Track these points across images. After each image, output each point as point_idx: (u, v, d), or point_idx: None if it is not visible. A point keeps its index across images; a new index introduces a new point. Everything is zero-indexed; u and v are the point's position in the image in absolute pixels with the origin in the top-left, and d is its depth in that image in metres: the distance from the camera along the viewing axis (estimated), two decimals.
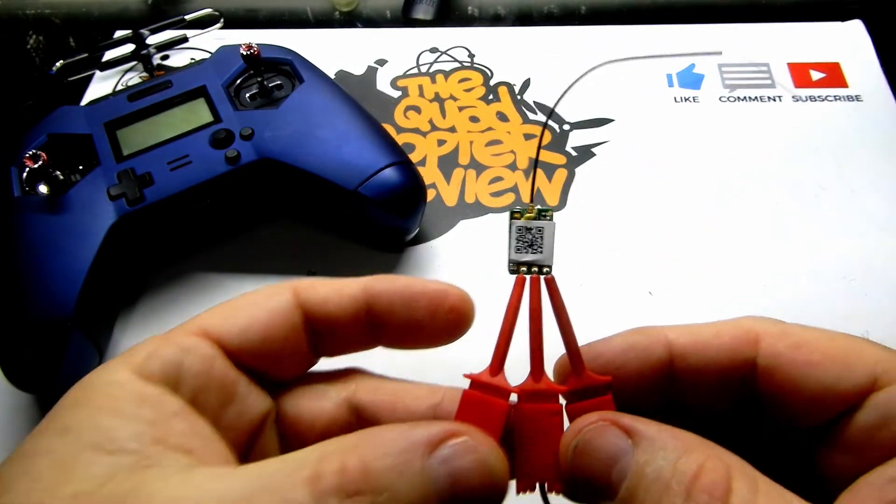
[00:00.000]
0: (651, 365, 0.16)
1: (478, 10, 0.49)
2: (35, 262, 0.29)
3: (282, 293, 0.17)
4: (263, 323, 0.17)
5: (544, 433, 0.16)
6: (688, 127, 0.38)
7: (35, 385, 0.28)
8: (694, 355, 0.16)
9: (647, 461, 0.13)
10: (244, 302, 0.18)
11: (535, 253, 0.16)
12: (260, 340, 0.17)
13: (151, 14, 0.50)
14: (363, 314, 0.17)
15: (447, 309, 0.17)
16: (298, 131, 0.32)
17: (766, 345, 0.16)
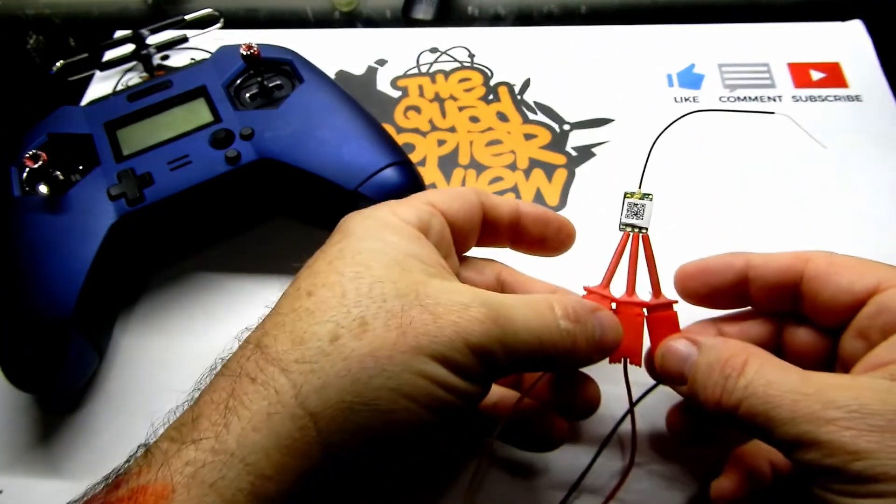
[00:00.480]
0: (735, 271, 0.24)
1: (478, 10, 0.49)
2: (35, 262, 0.29)
3: (472, 194, 0.25)
4: (466, 209, 0.24)
5: (631, 327, 0.24)
6: (688, 127, 0.38)
7: (35, 385, 0.28)
8: (762, 267, 0.23)
9: (705, 359, 0.21)
10: (451, 193, 0.24)
11: (638, 219, 0.25)
12: (463, 220, 0.24)
13: (151, 14, 0.50)
14: (513, 222, 0.25)
15: (565, 233, 0.26)
16: (298, 131, 0.32)
17: (811, 263, 0.22)
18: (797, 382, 0.19)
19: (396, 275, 0.20)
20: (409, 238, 0.22)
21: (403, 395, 0.18)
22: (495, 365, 0.20)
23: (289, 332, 0.19)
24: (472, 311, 0.19)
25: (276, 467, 0.17)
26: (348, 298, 0.19)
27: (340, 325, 0.19)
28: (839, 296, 0.21)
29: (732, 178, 0.36)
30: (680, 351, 0.22)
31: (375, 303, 0.19)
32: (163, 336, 0.32)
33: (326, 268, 0.21)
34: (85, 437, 0.29)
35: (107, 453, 0.29)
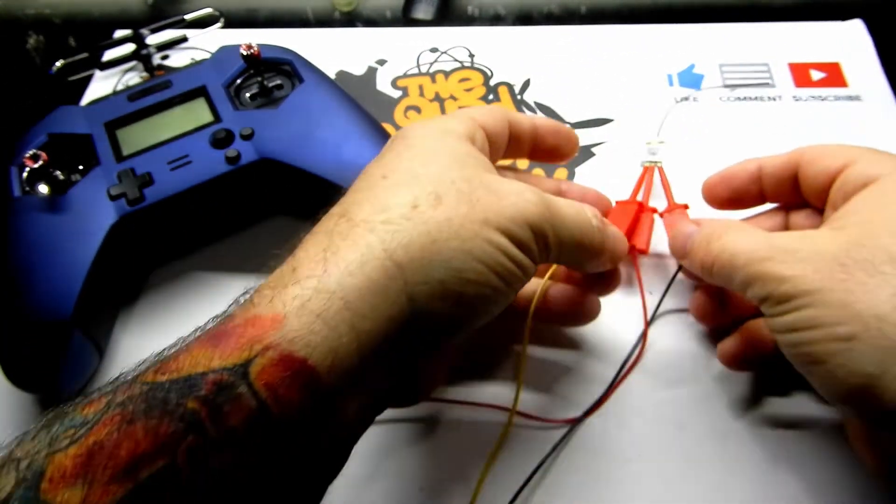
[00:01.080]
0: (749, 172, 0.28)
1: (478, 9, 0.49)
2: (35, 262, 0.29)
3: (500, 111, 0.27)
4: (499, 124, 0.27)
5: (645, 225, 0.31)
6: (688, 127, 0.38)
7: (35, 385, 0.28)
8: (770, 164, 0.28)
9: (699, 234, 0.26)
10: (485, 110, 0.27)
11: (654, 157, 0.34)
12: (497, 134, 0.27)
13: (151, 14, 0.50)
14: (533, 135, 0.28)
15: (574, 141, 0.30)
16: (298, 131, 0.32)
17: (805, 154, 0.27)
18: (758, 240, 0.23)
19: (459, 166, 0.23)
20: (464, 143, 0.24)
21: (474, 258, 0.21)
22: (547, 246, 0.23)
23: (371, 202, 0.22)
24: (528, 196, 0.22)
25: (371, 308, 0.19)
26: (421, 180, 0.22)
27: (418, 197, 0.21)
28: (819, 176, 0.26)
29: None
30: (684, 230, 0.27)
31: (444, 184, 0.22)
32: (163, 336, 0.31)
33: (396, 159, 0.23)
34: None
35: None
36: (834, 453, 0.27)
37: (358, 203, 0.22)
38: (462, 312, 0.21)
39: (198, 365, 0.18)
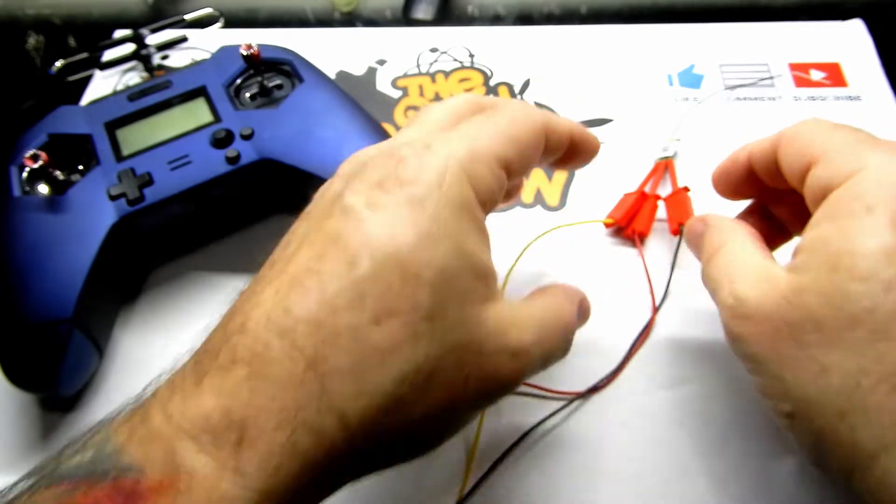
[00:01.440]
0: (741, 163, 0.26)
1: (478, 9, 0.49)
2: (35, 262, 0.29)
3: (541, 121, 0.23)
4: (533, 149, 0.23)
5: (648, 210, 0.33)
6: (687, 127, 0.38)
7: (35, 385, 0.28)
8: (756, 151, 0.25)
9: (706, 238, 0.25)
10: (523, 121, 0.22)
11: (666, 153, 0.36)
12: (526, 162, 0.23)
13: (151, 14, 0.50)
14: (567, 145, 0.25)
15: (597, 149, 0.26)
16: (298, 131, 0.32)
17: (783, 140, 0.24)
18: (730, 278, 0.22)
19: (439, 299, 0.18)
20: (458, 250, 0.20)
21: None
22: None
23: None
24: (515, 364, 0.20)
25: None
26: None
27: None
28: (793, 168, 0.23)
29: None
30: (695, 229, 0.26)
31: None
32: (163, 336, 0.32)
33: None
34: None
35: None
36: None
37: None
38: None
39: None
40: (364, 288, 0.17)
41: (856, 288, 0.18)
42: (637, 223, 0.33)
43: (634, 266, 0.33)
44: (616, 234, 0.34)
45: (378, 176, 0.20)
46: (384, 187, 0.19)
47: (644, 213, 0.34)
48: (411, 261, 0.18)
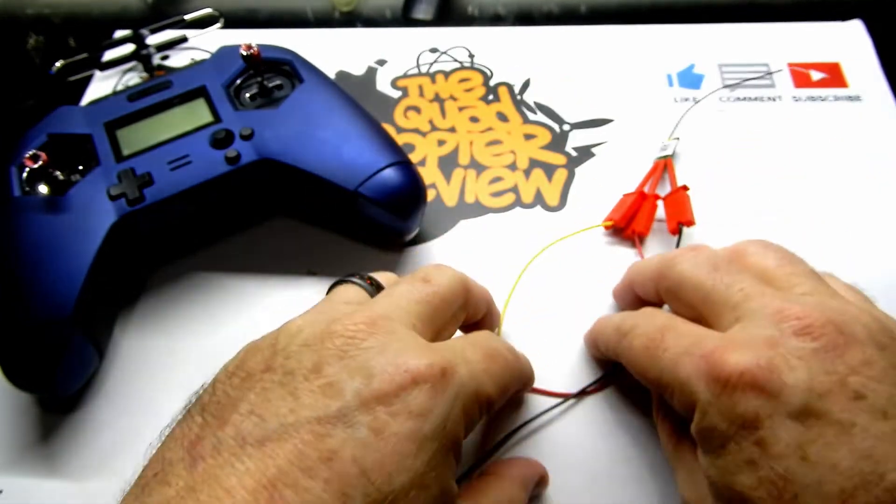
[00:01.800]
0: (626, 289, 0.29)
1: (478, 9, 0.49)
2: (35, 263, 0.29)
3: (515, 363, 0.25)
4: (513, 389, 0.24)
5: (647, 210, 0.33)
6: (687, 127, 0.38)
7: (35, 385, 0.28)
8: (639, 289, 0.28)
9: (636, 341, 0.24)
10: (507, 368, 0.23)
11: (665, 152, 0.36)
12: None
13: (151, 14, 0.50)
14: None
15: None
16: (298, 131, 0.32)
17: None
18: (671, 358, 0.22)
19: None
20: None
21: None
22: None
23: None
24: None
25: None
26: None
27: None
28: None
29: (731, 179, 0.36)
30: (608, 337, 0.27)
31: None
32: (163, 336, 0.32)
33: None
34: (85, 437, 0.29)
35: (107, 453, 0.29)
36: None
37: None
38: None
39: None
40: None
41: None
42: (636, 224, 0.33)
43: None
44: (616, 234, 0.34)
45: (387, 391, 0.19)
46: (392, 410, 0.18)
47: (643, 213, 0.33)
48: (400, 502, 0.18)
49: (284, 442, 0.17)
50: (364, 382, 0.19)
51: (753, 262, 0.23)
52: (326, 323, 0.21)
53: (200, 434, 0.18)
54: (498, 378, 0.22)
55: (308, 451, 0.17)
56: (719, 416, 0.19)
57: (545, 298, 0.32)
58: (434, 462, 0.18)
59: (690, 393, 0.20)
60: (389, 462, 0.18)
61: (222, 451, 0.18)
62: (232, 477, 0.17)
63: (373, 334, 0.20)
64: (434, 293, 0.23)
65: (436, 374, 0.19)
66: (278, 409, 0.18)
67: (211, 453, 0.18)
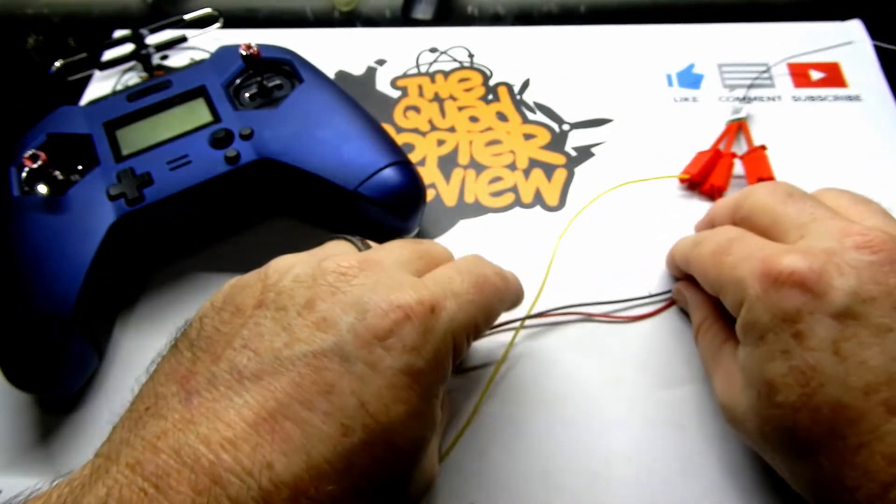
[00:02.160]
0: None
1: (477, 9, 0.49)
2: (34, 263, 0.29)
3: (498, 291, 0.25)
4: (495, 315, 0.25)
5: (724, 168, 0.35)
6: (687, 127, 0.38)
7: (35, 385, 0.28)
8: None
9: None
10: (492, 297, 0.24)
11: (737, 115, 0.38)
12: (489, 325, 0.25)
13: (151, 14, 0.50)
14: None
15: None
16: (298, 131, 0.32)
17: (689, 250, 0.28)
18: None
19: None
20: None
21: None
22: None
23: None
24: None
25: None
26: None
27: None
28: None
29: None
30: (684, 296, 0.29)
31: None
32: (163, 336, 0.31)
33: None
34: (85, 437, 0.29)
35: None
36: None
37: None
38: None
39: None
40: (353, 458, 0.17)
41: (774, 412, 0.21)
42: (714, 178, 0.34)
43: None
44: (690, 189, 0.35)
45: (382, 327, 0.19)
46: (387, 345, 0.19)
47: (720, 169, 0.35)
48: (398, 435, 0.18)
49: (281, 375, 0.18)
50: (358, 317, 0.19)
51: (827, 197, 0.25)
52: (318, 261, 0.21)
53: (192, 368, 0.19)
54: (486, 306, 0.23)
55: (306, 384, 0.17)
56: (764, 309, 0.21)
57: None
58: (427, 394, 0.19)
59: (742, 290, 0.22)
60: (386, 394, 0.18)
61: (218, 385, 0.18)
62: (230, 410, 0.17)
63: (363, 271, 0.20)
64: (425, 250, 0.24)
65: (426, 311, 0.20)
66: (273, 344, 0.18)
67: (206, 387, 0.18)
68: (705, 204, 0.35)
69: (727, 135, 0.37)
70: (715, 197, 0.35)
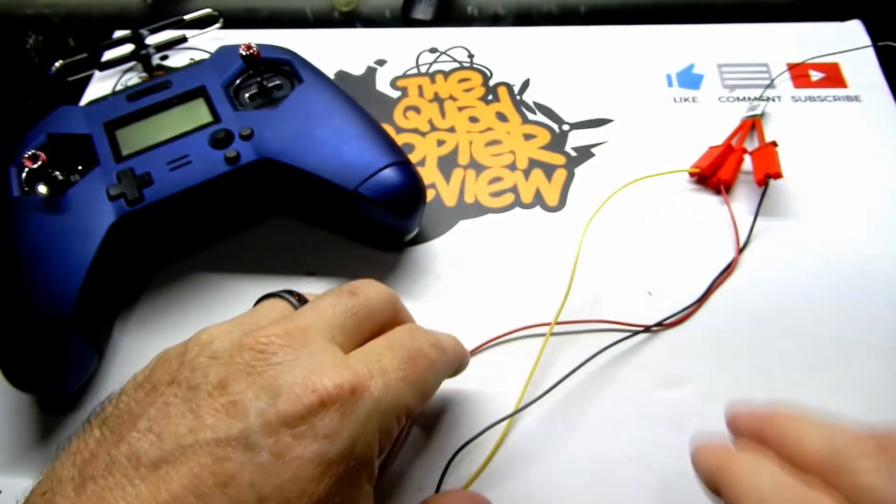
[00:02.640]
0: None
1: (477, 9, 0.49)
2: (34, 263, 0.29)
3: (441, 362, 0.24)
4: (432, 391, 0.24)
5: (733, 163, 0.35)
6: (687, 127, 0.38)
7: (35, 385, 0.28)
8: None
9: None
10: (428, 373, 0.22)
11: (753, 111, 0.38)
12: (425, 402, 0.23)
13: (151, 14, 0.50)
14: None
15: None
16: (298, 131, 0.32)
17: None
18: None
19: None
20: None
21: None
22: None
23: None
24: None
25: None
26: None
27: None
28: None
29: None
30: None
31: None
32: (163, 336, 0.32)
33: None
34: None
35: None
36: None
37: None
38: None
39: None
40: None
41: None
42: (722, 173, 0.35)
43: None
44: (699, 183, 0.36)
45: (293, 413, 0.18)
46: (297, 432, 0.17)
47: (729, 164, 0.35)
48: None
49: (180, 465, 0.17)
50: (269, 402, 0.18)
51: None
52: (240, 334, 0.20)
53: (95, 451, 0.18)
54: (418, 383, 0.21)
55: (205, 475, 0.16)
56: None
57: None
58: (339, 486, 0.18)
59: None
60: (289, 488, 0.17)
61: (114, 471, 0.17)
62: (121, 502, 0.16)
63: (284, 347, 0.19)
64: (361, 305, 0.22)
65: (345, 394, 0.18)
66: (177, 428, 0.17)
67: (102, 473, 0.17)
68: (714, 198, 0.35)
69: (740, 131, 0.37)
70: (722, 192, 0.34)
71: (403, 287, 0.33)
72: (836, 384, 0.28)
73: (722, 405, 0.28)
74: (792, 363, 0.29)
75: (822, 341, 0.30)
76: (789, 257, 0.33)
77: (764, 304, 0.31)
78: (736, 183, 0.35)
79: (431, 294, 0.32)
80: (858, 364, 0.29)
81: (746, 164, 0.36)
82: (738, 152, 0.35)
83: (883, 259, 0.32)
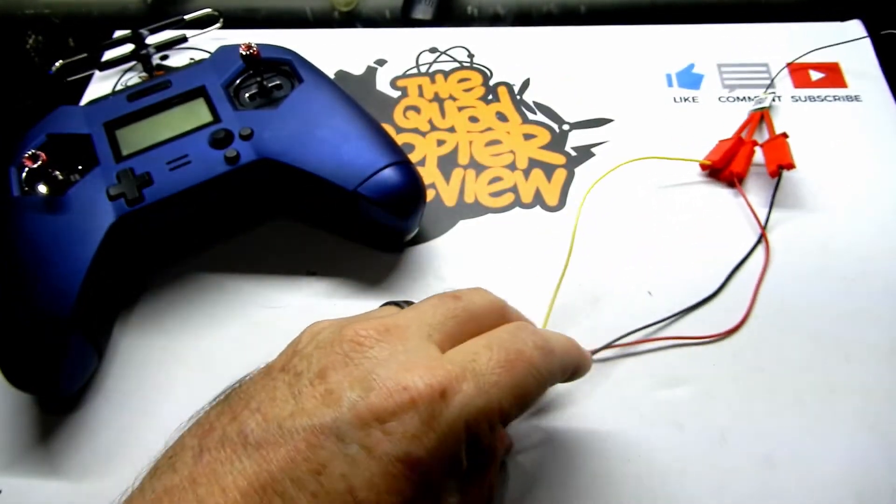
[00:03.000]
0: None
1: (477, 9, 0.49)
2: (34, 263, 0.29)
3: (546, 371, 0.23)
4: (533, 399, 0.22)
5: (745, 155, 0.35)
6: (687, 127, 0.38)
7: (35, 385, 0.28)
8: None
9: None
10: (531, 382, 0.21)
11: (760, 104, 0.38)
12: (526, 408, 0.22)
13: (151, 14, 0.50)
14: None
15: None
16: (298, 131, 0.32)
17: None
18: None
19: None
20: None
21: None
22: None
23: None
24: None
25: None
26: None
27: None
28: None
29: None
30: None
31: None
32: (163, 336, 0.32)
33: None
34: (85, 437, 0.29)
35: (107, 453, 0.29)
36: (833, 454, 0.27)
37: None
38: None
39: None
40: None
41: None
42: (735, 165, 0.35)
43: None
44: (711, 176, 0.36)
45: (384, 408, 0.18)
46: (387, 428, 0.18)
47: (741, 156, 0.35)
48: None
49: (280, 447, 0.18)
50: (361, 394, 0.18)
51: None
52: (342, 326, 0.20)
53: (214, 424, 0.19)
54: (515, 387, 0.20)
55: (300, 460, 0.17)
56: None
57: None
58: (427, 487, 0.18)
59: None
60: (380, 483, 0.17)
61: (226, 445, 0.18)
62: (228, 476, 0.17)
63: (380, 342, 0.20)
64: (464, 308, 0.22)
65: (435, 395, 0.18)
66: (280, 412, 0.18)
67: (216, 446, 0.18)
68: (725, 190, 0.35)
69: (749, 124, 0.37)
70: (736, 184, 0.35)
71: (403, 287, 0.33)
72: (836, 384, 0.28)
73: (722, 405, 0.28)
74: (792, 363, 0.29)
75: (821, 341, 0.30)
76: (798, 253, 0.33)
77: (766, 304, 0.31)
78: (750, 175, 0.36)
79: (431, 294, 0.32)
80: (858, 364, 0.29)
81: (757, 157, 0.36)
82: (749, 145, 0.36)
83: (883, 259, 0.32)
